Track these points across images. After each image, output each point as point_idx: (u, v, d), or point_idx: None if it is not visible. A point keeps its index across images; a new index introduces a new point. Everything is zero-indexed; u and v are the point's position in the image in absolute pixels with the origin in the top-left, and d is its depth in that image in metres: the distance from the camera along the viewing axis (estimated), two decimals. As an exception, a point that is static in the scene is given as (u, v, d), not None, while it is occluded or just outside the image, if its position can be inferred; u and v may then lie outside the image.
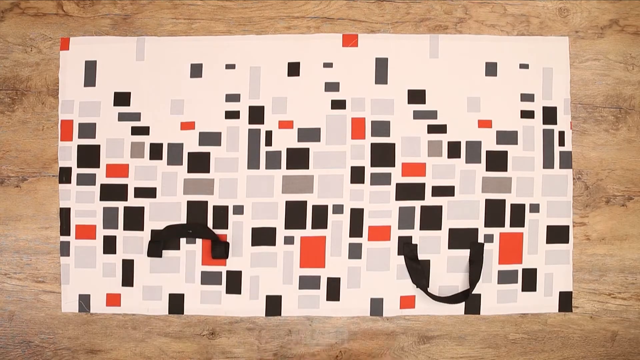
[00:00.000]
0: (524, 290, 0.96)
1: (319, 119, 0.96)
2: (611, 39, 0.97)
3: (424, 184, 0.96)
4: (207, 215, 0.96)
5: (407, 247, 0.95)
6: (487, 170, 0.96)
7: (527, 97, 0.96)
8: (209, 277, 0.96)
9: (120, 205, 0.96)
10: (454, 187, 0.96)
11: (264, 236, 0.96)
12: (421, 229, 0.95)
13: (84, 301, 0.96)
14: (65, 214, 0.96)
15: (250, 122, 0.96)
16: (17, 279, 0.96)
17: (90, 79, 0.97)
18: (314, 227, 0.95)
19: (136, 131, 0.96)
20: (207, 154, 0.96)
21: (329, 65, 0.96)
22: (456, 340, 0.96)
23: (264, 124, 0.96)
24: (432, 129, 0.96)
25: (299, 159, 0.96)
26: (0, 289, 0.96)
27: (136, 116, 0.96)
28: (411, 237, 0.96)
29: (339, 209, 0.95)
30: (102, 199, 0.96)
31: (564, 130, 0.97)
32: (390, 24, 0.97)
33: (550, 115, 0.97)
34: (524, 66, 0.97)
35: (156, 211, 0.96)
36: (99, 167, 0.96)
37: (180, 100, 0.96)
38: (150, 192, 0.96)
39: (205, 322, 0.96)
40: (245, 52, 0.96)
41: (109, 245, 0.96)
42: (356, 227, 0.95)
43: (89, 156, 0.96)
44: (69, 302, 0.96)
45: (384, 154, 0.96)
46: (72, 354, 0.97)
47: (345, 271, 0.96)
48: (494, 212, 0.96)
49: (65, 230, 0.96)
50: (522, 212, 0.96)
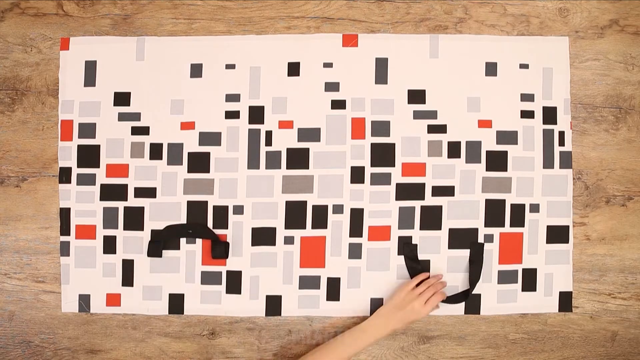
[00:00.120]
0: (524, 290, 0.96)
1: (319, 119, 0.96)
2: (611, 39, 0.97)
3: (424, 184, 0.96)
4: (207, 215, 0.95)
5: (407, 247, 0.95)
6: (487, 170, 0.96)
7: (527, 97, 0.96)
8: (209, 277, 0.96)
9: (120, 205, 0.96)
10: (454, 187, 0.96)
11: (264, 236, 0.96)
12: (421, 229, 0.95)
13: (84, 301, 0.96)
14: (65, 214, 0.96)
15: (250, 122, 0.96)
16: (17, 279, 0.96)
17: (90, 79, 0.97)
18: (314, 227, 0.95)
19: (136, 131, 0.96)
20: (207, 154, 0.96)
21: (329, 65, 0.96)
22: (456, 340, 0.96)
23: (264, 124, 0.96)
24: (432, 129, 0.96)
25: (299, 159, 0.96)
26: (0, 289, 0.96)
27: (136, 116, 0.96)
28: (411, 237, 0.95)
29: (339, 209, 0.95)
30: (102, 199, 0.96)
31: (564, 130, 0.97)
32: (390, 24, 0.97)
33: (550, 115, 0.97)
34: (524, 66, 0.97)
35: (156, 211, 0.96)
36: (99, 167, 0.96)
37: (180, 100, 0.96)
38: (150, 192, 0.96)
39: (205, 322, 0.96)
40: (245, 52, 0.96)
41: (109, 245, 0.96)
42: (356, 227, 0.95)
43: (89, 156, 0.96)
44: (69, 302, 0.96)
45: (384, 154, 0.96)
46: (72, 354, 0.97)
47: (345, 271, 0.96)
48: (494, 212, 0.96)
49: (65, 230, 0.96)
50: (522, 212, 0.96)
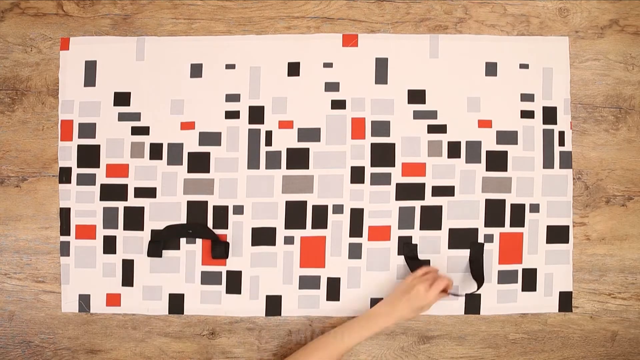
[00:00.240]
0: (524, 290, 0.96)
1: (319, 119, 0.96)
2: (611, 39, 0.97)
3: (424, 184, 0.96)
4: (207, 215, 0.95)
5: (407, 247, 0.95)
6: (487, 170, 0.96)
7: (527, 97, 0.96)
8: (209, 277, 0.96)
9: (120, 205, 0.96)
10: (454, 187, 0.96)
11: (264, 236, 0.96)
12: (421, 229, 0.95)
13: (84, 301, 0.96)
14: (65, 214, 0.96)
15: (250, 122, 0.96)
16: (17, 279, 0.96)
17: (90, 79, 0.97)
18: (314, 227, 0.95)
19: (136, 131, 0.96)
20: (207, 154, 0.96)
21: (329, 65, 0.96)
22: (456, 340, 0.96)
23: (264, 124, 0.96)
24: (432, 129, 0.96)
25: (299, 159, 0.96)
26: (0, 289, 0.96)
27: (136, 116, 0.96)
28: (411, 237, 0.95)
29: (339, 209, 0.95)
30: (102, 199, 0.96)
31: (564, 130, 0.97)
32: (390, 24, 0.97)
33: (550, 115, 0.97)
34: (524, 66, 0.97)
35: (156, 211, 0.96)
36: (99, 167, 0.96)
37: (180, 100, 0.96)
38: (150, 192, 0.96)
39: (205, 322, 0.96)
40: (245, 52, 0.96)
41: (109, 245, 0.96)
42: (356, 227, 0.95)
43: (89, 156, 0.96)
44: (69, 302, 0.96)
45: (384, 154, 0.96)
46: (72, 354, 0.97)
47: (345, 271, 0.96)
48: (494, 212, 0.96)
49: (65, 230, 0.96)
50: (522, 212, 0.96)
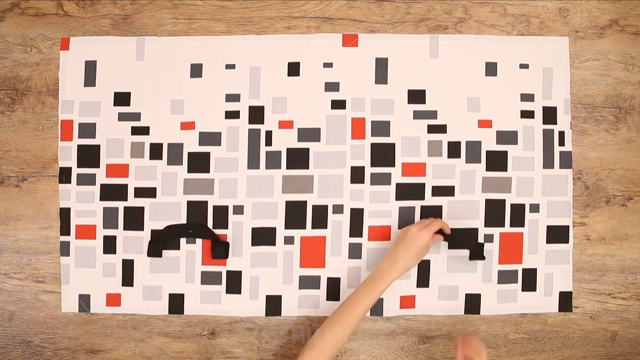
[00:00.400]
0: (524, 290, 0.96)
1: (319, 119, 0.96)
2: (611, 39, 0.97)
3: (424, 184, 0.96)
4: (207, 215, 0.95)
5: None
6: (487, 170, 0.96)
7: (527, 97, 0.96)
8: (209, 277, 0.96)
9: (120, 205, 0.96)
10: (454, 187, 0.96)
11: (264, 236, 0.96)
12: (421, 229, 0.95)
13: (84, 301, 0.96)
14: (65, 214, 0.96)
15: (250, 122, 0.96)
16: (17, 279, 0.96)
17: (90, 79, 0.97)
18: (314, 227, 0.95)
19: (136, 131, 0.96)
20: (207, 154, 0.96)
21: (329, 65, 0.96)
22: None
23: (264, 124, 0.96)
24: (432, 129, 0.96)
25: (299, 159, 0.96)
26: (0, 289, 0.96)
27: (136, 116, 0.96)
28: (411, 237, 0.95)
29: (339, 209, 0.95)
30: (102, 199, 0.96)
31: (564, 130, 0.97)
32: (390, 24, 0.97)
33: (550, 115, 0.97)
34: (524, 66, 0.97)
35: (156, 211, 0.96)
36: (99, 167, 0.96)
37: (180, 100, 0.96)
38: (150, 192, 0.96)
39: (205, 322, 0.96)
40: (245, 52, 0.96)
41: (109, 245, 0.96)
42: (356, 227, 0.95)
43: (89, 156, 0.96)
44: (69, 302, 0.96)
45: (384, 154, 0.96)
46: (72, 354, 0.97)
47: (345, 271, 0.96)
48: (494, 212, 0.96)
49: (65, 230, 0.96)
50: (522, 212, 0.96)
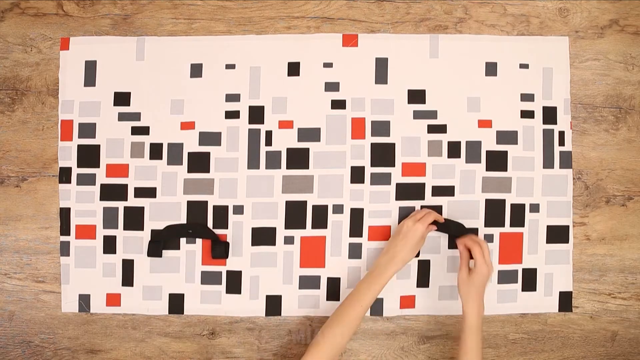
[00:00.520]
0: (524, 290, 0.96)
1: (319, 119, 0.96)
2: (611, 39, 0.97)
3: (424, 184, 0.96)
4: (207, 215, 0.95)
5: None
6: (487, 170, 0.96)
7: (527, 97, 0.96)
8: (209, 277, 0.96)
9: (120, 205, 0.96)
10: (454, 187, 0.96)
11: (264, 236, 0.96)
12: (421, 229, 0.95)
13: (84, 301, 0.96)
14: (65, 214, 0.96)
15: (250, 122, 0.96)
16: (17, 279, 0.96)
17: (90, 79, 0.97)
18: (314, 227, 0.95)
19: (136, 131, 0.96)
20: (207, 154, 0.96)
21: (329, 65, 0.96)
22: (456, 340, 0.96)
23: (264, 124, 0.96)
24: (432, 129, 0.96)
25: (299, 159, 0.96)
26: (0, 289, 0.96)
27: (136, 116, 0.96)
28: (411, 237, 0.95)
29: (339, 209, 0.95)
30: (102, 199, 0.96)
31: (564, 130, 0.97)
32: (390, 24, 0.97)
33: (550, 115, 0.97)
34: (524, 66, 0.97)
35: (156, 211, 0.96)
36: (99, 167, 0.96)
37: (180, 100, 0.96)
38: (150, 192, 0.96)
39: (205, 322, 0.96)
40: (245, 52, 0.96)
41: (109, 245, 0.96)
42: (356, 227, 0.95)
43: (89, 156, 0.96)
44: (69, 302, 0.96)
45: (384, 154, 0.96)
46: (72, 354, 0.97)
47: (345, 271, 0.96)
48: (494, 212, 0.96)
49: (65, 230, 0.96)
50: (522, 212, 0.96)
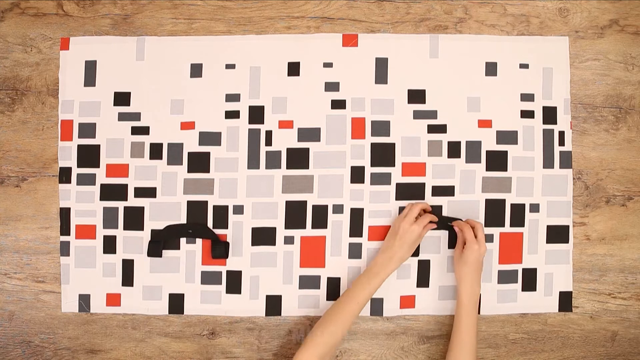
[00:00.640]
0: (524, 290, 0.96)
1: (319, 118, 0.96)
2: (611, 39, 0.97)
3: (424, 184, 0.96)
4: (207, 215, 0.95)
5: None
6: (487, 170, 0.96)
7: (527, 97, 0.96)
8: (209, 277, 0.96)
9: (120, 205, 0.96)
10: (454, 187, 0.96)
11: (264, 236, 0.96)
12: (421, 229, 0.95)
13: (84, 301, 0.96)
14: (65, 214, 0.96)
15: (250, 122, 0.96)
16: (17, 279, 0.96)
17: (90, 79, 0.97)
18: (314, 227, 0.95)
19: (136, 131, 0.96)
20: (207, 154, 0.96)
21: (329, 65, 0.96)
22: (456, 340, 0.96)
23: (264, 123, 0.96)
24: (432, 129, 0.96)
25: (299, 158, 0.96)
26: (0, 289, 0.96)
27: (136, 116, 0.96)
28: (411, 237, 0.95)
29: (339, 209, 0.95)
30: (102, 199, 0.96)
31: (564, 130, 0.97)
32: (390, 24, 0.97)
33: (550, 115, 0.97)
34: (524, 66, 0.97)
35: (156, 211, 0.96)
36: (99, 167, 0.96)
37: (180, 100, 0.96)
38: (150, 192, 0.96)
39: (205, 322, 0.96)
40: (245, 52, 0.96)
41: (109, 245, 0.96)
42: (356, 227, 0.95)
43: (89, 156, 0.96)
44: (69, 302, 0.96)
45: (384, 154, 0.96)
46: (72, 354, 0.97)
47: (345, 271, 0.96)
48: (494, 212, 0.96)
49: (65, 230, 0.96)
50: (522, 212, 0.96)
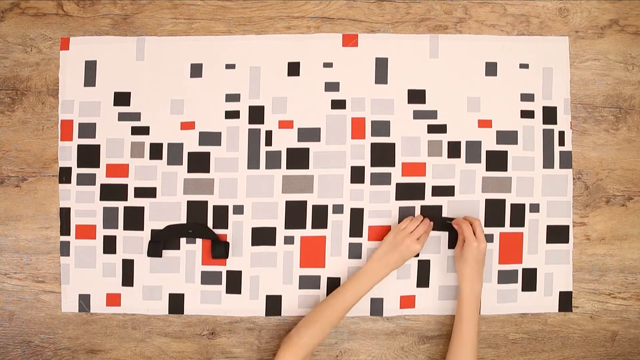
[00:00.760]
0: (524, 290, 0.96)
1: (319, 118, 0.96)
2: (611, 39, 0.97)
3: (424, 184, 0.96)
4: (207, 215, 0.96)
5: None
6: (487, 170, 0.96)
7: (527, 97, 0.96)
8: (209, 277, 0.96)
9: (120, 205, 0.96)
10: (454, 187, 0.96)
11: (264, 236, 0.96)
12: (421, 229, 0.95)
13: (84, 301, 0.96)
14: (65, 214, 0.96)
15: (250, 122, 0.96)
16: (17, 279, 0.96)
17: (90, 79, 0.97)
18: (314, 227, 0.95)
19: (136, 131, 0.96)
20: (207, 154, 0.96)
21: (329, 65, 0.96)
22: (456, 340, 0.96)
23: (264, 123, 0.96)
24: (432, 129, 0.96)
25: (299, 159, 0.96)
26: (0, 289, 0.96)
27: (136, 116, 0.96)
28: (411, 237, 0.95)
29: (339, 209, 0.95)
30: (102, 199, 0.96)
31: (564, 130, 0.97)
32: (390, 24, 0.97)
33: (550, 115, 0.97)
34: (524, 66, 0.97)
35: (156, 211, 0.96)
36: (99, 167, 0.96)
37: (180, 100, 0.96)
38: (150, 192, 0.96)
39: (205, 322, 0.96)
40: (245, 52, 0.96)
41: (109, 245, 0.96)
42: (356, 227, 0.95)
43: (89, 156, 0.96)
44: (69, 302, 0.96)
45: (384, 154, 0.96)
46: (72, 354, 0.97)
47: (345, 271, 0.96)
48: (494, 212, 0.96)
49: (65, 230, 0.96)
50: (522, 212, 0.96)
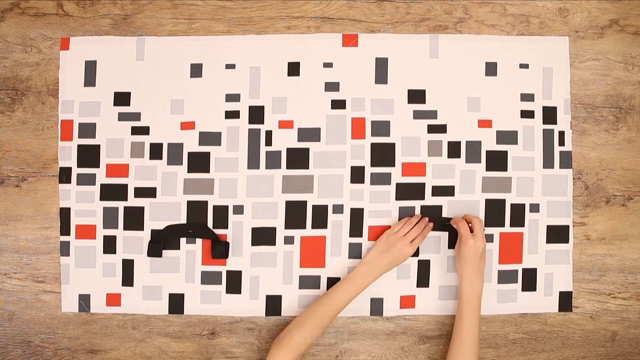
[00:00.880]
0: (524, 290, 0.96)
1: (319, 118, 0.96)
2: (611, 39, 0.97)
3: (424, 184, 0.96)
4: (207, 215, 0.96)
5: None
6: (487, 170, 0.96)
7: (527, 97, 0.96)
8: (209, 277, 0.96)
9: (120, 205, 0.96)
10: (454, 187, 0.96)
11: (264, 236, 0.96)
12: (421, 229, 0.95)
13: (84, 301, 0.96)
14: (65, 214, 0.96)
15: (250, 122, 0.96)
16: (17, 279, 0.96)
17: (90, 79, 0.97)
18: (314, 227, 0.95)
19: (136, 131, 0.96)
20: (207, 154, 0.96)
21: (329, 65, 0.96)
22: (456, 340, 0.96)
23: (264, 123, 0.96)
24: (432, 129, 0.96)
25: (299, 159, 0.96)
26: (0, 289, 0.96)
27: (136, 116, 0.96)
28: (411, 237, 0.95)
29: (339, 209, 0.95)
30: (102, 199, 0.96)
31: (564, 130, 0.97)
32: (390, 24, 0.97)
33: (550, 115, 0.97)
34: (524, 66, 0.97)
35: (156, 211, 0.96)
36: (99, 167, 0.96)
37: (180, 100, 0.96)
38: (150, 192, 0.96)
39: (205, 322, 0.96)
40: (245, 52, 0.96)
41: (109, 245, 0.96)
42: (356, 227, 0.95)
43: (89, 156, 0.96)
44: (69, 302, 0.96)
45: (384, 154, 0.96)
46: (72, 354, 0.97)
47: (345, 271, 0.96)
48: (494, 212, 0.96)
49: (65, 230, 0.96)
50: (522, 212, 0.96)
